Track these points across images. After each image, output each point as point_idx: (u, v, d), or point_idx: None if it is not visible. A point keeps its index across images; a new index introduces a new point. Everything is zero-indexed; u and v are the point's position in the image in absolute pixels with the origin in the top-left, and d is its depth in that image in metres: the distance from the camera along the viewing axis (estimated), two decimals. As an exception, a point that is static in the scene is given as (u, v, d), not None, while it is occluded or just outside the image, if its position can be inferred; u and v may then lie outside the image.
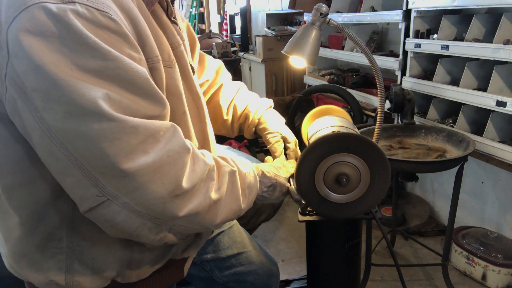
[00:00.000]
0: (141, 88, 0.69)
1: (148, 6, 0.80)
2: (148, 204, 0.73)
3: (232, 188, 0.85)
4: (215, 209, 0.81)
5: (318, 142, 0.88)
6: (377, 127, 1.14)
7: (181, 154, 0.74)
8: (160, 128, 0.71)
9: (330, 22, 1.03)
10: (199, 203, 0.77)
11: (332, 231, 1.00)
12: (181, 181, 0.73)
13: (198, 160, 0.78)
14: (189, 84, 0.92)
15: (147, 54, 0.75)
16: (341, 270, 1.03)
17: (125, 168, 0.67)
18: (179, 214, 0.75)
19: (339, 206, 0.92)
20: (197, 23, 8.39)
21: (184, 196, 0.74)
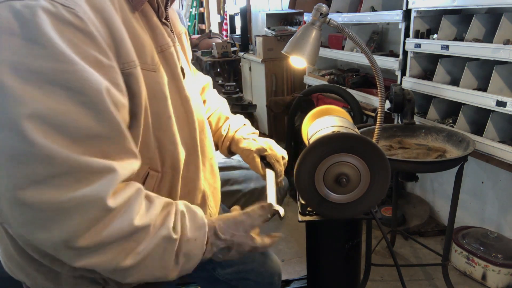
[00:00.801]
0: (90, 101, 0.63)
1: (135, 8, 0.77)
2: (37, 243, 0.67)
3: (162, 255, 0.75)
4: (124, 273, 0.72)
5: (318, 142, 0.88)
6: (377, 127, 1.15)
7: (95, 206, 0.65)
8: (88, 168, 0.63)
9: (330, 22, 1.03)
10: (102, 262, 0.68)
11: (332, 231, 1.00)
12: (79, 236, 0.64)
13: (123, 218, 0.69)
14: (178, 87, 0.89)
15: (122, 58, 0.71)
16: (341, 270, 1.03)
17: (24, 196, 0.61)
18: (72, 264, 0.68)
19: (339, 206, 0.92)
20: (197, 23, 8.40)
21: (81, 251, 0.66)
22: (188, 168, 0.92)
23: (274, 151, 1.15)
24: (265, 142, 1.17)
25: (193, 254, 0.79)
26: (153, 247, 0.73)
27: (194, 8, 8.29)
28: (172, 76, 0.87)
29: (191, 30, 8.26)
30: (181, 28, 1.05)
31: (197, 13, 8.35)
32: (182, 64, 0.94)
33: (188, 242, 0.78)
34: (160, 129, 0.83)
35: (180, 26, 1.04)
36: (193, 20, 8.33)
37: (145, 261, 0.73)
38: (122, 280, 0.74)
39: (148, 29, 0.82)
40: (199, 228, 0.80)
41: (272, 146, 1.16)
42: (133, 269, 0.72)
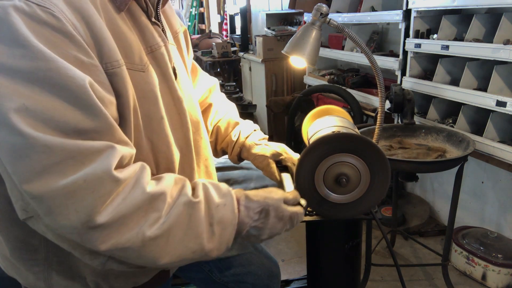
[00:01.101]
0: (75, 96, 0.63)
1: (119, 8, 0.76)
2: (63, 232, 0.67)
3: (190, 223, 0.73)
4: (155, 246, 0.71)
5: (318, 142, 0.88)
6: (377, 127, 1.14)
7: (103, 180, 0.65)
8: (86, 149, 0.64)
9: (331, 22, 1.03)
10: (129, 238, 0.68)
11: (332, 232, 1.00)
12: (97, 213, 0.64)
13: (135, 188, 0.69)
14: (170, 88, 0.87)
15: (104, 58, 0.70)
16: (341, 270, 1.03)
17: (31, 189, 0.62)
18: (100, 247, 0.67)
19: (339, 207, 0.92)
20: (197, 23, 8.40)
21: (104, 229, 0.66)
22: (183, 170, 0.91)
23: (289, 154, 1.13)
24: (279, 146, 1.14)
25: (227, 219, 0.77)
26: (176, 215, 0.72)
27: (194, 8, 8.29)
28: (163, 76, 0.85)
29: (191, 30, 8.25)
30: (179, 27, 1.04)
31: (197, 13, 8.35)
32: (176, 64, 0.93)
33: (218, 209, 0.77)
34: (153, 130, 0.82)
35: (177, 25, 1.03)
36: (193, 20, 8.33)
37: (172, 230, 0.71)
38: (156, 262, 0.72)
39: (136, 29, 0.80)
40: (224, 194, 0.79)
41: (286, 149, 1.14)
42: (163, 242, 0.71)
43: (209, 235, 0.76)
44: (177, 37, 1.01)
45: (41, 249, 0.82)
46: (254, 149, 1.13)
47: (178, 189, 0.76)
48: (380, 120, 1.13)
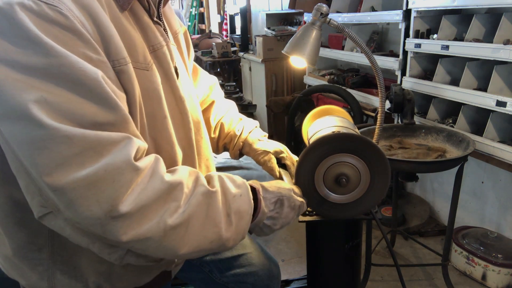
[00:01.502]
0: (89, 90, 0.64)
1: (123, 7, 0.76)
2: (85, 224, 0.67)
3: (208, 212, 0.74)
4: (176, 235, 0.71)
5: (318, 142, 0.88)
6: (377, 127, 1.14)
7: (123, 170, 0.65)
8: (105, 140, 0.64)
9: (331, 22, 1.03)
10: (150, 227, 0.68)
11: (332, 232, 1.00)
12: (119, 202, 0.65)
13: (153, 177, 0.69)
14: (172, 87, 0.88)
15: (112, 55, 0.70)
16: (341, 271, 1.03)
17: (52, 181, 0.61)
18: (122, 238, 0.67)
19: (339, 207, 0.92)
20: (197, 23, 8.40)
21: (126, 219, 0.66)
22: None
23: (290, 154, 1.14)
24: (280, 144, 1.16)
25: (243, 210, 0.79)
26: (195, 205, 0.73)
27: (194, 8, 8.29)
28: (165, 76, 0.85)
29: (191, 30, 8.25)
30: (179, 28, 1.04)
31: (197, 13, 8.35)
32: (177, 64, 0.93)
33: (235, 199, 0.78)
34: (156, 129, 0.82)
35: (177, 25, 1.03)
36: (193, 20, 8.33)
37: (191, 219, 0.72)
38: (176, 253, 0.73)
39: (139, 28, 0.81)
40: (239, 185, 0.81)
41: (287, 149, 1.15)
42: (182, 231, 0.71)
43: (226, 225, 0.77)
44: (177, 37, 1.01)
45: (46, 248, 0.82)
46: (257, 144, 1.14)
47: (193, 180, 0.76)
48: (380, 120, 1.13)
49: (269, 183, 0.89)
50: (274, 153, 1.13)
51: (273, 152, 1.13)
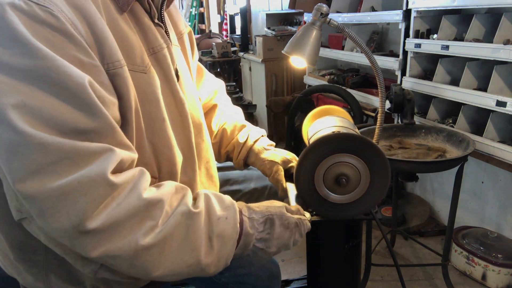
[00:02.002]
0: (73, 95, 0.62)
1: (122, 8, 0.75)
2: (54, 235, 0.65)
3: (187, 234, 0.70)
4: (148, 256, 0.67)
5: (318, 142, 0.88)
6: (377, 127, 1.14)
7: (97, 184, 0.62)
8: (83, 150, 0.62)
9: (331, 22, 1.02)
10: (121, 246, 0.65)
11: (332, 232, 0.99)
12: (89, 217, 0.62)
13: (132, 193, 0.66)
14: (172, 90, 0.86)
15: (106, 58, 0.69)
16: (341, 271, 1.03)
17: (24, 188, 0.60)
18: (90, 254, 0.65)
19: (339, 207, 0.92)
20: (197, 23, 8.39)
21: (95, 235, 0.63)
22: (185, 173, 0.91)
23: None
24: (288, 153, 1.11)
25: (227, 234, 0.74)
26: (173, 225, 0.69)
27: (194, 8, 8.29)
28: (165, 78, 0.84)
29: (191, 30, 8.25)
30: (184, 28, 1.03)
31: (197, 13, 8.34)
32: (179, 66, 0.92)
33: (219, 221, 0.74)
34: (155, 132, 0.81)
35: (182, 25, 1.02)
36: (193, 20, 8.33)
37: (168, 240, 0.68)
38: (149, 274, 0.69)
39: (138, 30, 0.80)
40: (227, 207, 0.77)
41: (296, 157, 1.10)
42: (157, 253, 0.68)
43: (207, 249, 0.73)
44: (182, 38, 1.00)
45: (40, 251, 0.82)
46: (263, 154, 1.10)
47: (179, 198, 0.73)
48: (380, 120, 1.13)
49: (258, 203, 0.84)
50: (282, 163, 1.08)
51: (280, 163, 1.08)
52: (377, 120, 1.13)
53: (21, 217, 0.71)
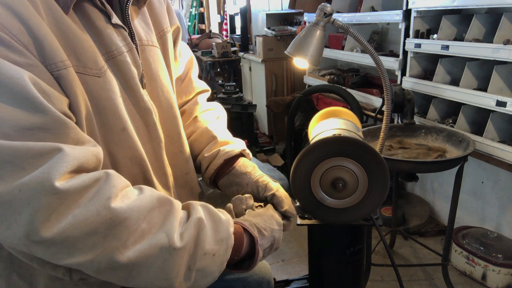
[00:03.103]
0: (9, 91, 0.58)
1: (64, 10, 0.70)
2: (9, 243, 0.61)
3: (162, 266, 0.65)
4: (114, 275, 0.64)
5: (316, 145, 0.85)
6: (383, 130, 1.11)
7: (39, 192, 0.57)
8: (24, 152, 0.57)
9: (335, 22, 1.00)
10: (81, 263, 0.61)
11: (333, 236, 0.98)
12: (37, 228, 0.57)
13: (92, 203, 0.60)
14: (134, 98, 0.79)
15: (47, 58, 0.64)
16: (343, 275, 1.00)
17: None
18: (55, 262, 0.61)
19: (336, 211, 0.89)
20: (197, 23, 8.40)
21: (51, 246, 0.59)
22: (155, 187, 0.84)
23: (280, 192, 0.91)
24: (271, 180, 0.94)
25: (209, 270, 0.70)
26: (147, 254, 0.64)
27: (194, 8, 8.29)
28: (126, 85, 0.77)
29: (191, 30, 8.26)
30: (167, 26, 0.94)
31: (197, 13, 8.35)
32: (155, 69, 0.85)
33: (205, 257, 0.68)
34: (113, 142, 0.75)
35: (165, 23, 0.94)
36: (193, 20, 8.33)
37: (137, 267, 0.64)
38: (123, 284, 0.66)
39: (92, 33, 0.74)
40: (220, 240, 0.71)
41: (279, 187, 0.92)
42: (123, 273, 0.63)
43: (182, 279, 0.67)
44: (164, 37, 0.93)
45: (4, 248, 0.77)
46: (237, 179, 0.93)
47: (162, 215, 0.67)
48: (386, 122, 1.10)
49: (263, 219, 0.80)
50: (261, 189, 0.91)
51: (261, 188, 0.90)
52: (383, 121, 1.11)
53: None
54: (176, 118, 0.92)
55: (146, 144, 0.82)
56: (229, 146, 0.97)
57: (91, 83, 0.71)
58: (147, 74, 0.85)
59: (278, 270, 2.23)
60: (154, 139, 0.84)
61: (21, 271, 0.78)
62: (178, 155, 0.93)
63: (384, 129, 1.12)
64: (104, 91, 0.72)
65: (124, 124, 0.75)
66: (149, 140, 0.83)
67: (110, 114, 0.73)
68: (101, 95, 0.72)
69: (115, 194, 0.63)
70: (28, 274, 0.78)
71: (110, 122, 0.74)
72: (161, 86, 0.88)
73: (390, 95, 1.05)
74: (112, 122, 0.74)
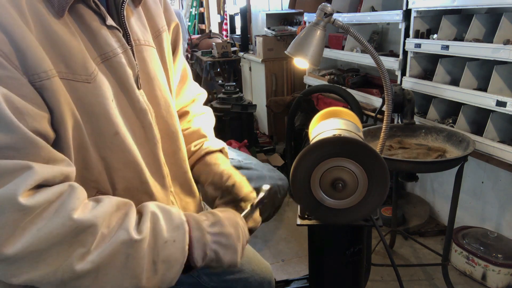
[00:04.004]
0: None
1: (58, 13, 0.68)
2: None
3: (127, 263, 0.65)
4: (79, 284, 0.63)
5: (316, 145, 0.85)
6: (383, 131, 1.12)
7: (4, 209, 0.57)
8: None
9: (335, 22, 1.00)
10: (44, 276, 0.60)
11: (333, 236, 0.97)
12: (2, 244, 0.57)
13: (57, 216, 0.61)
14: (130, 99, 0.79)
15: (30, 69, 0.63)
16: (343, 276, 1.00)
17: None
18: (11, 281, 0.60)
19: (335, 212, 0.89)
20: (197, 23, 8.40)
21: (14, 263, 0.59)
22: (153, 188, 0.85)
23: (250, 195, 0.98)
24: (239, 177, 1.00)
25: (174, 258, 0.70)
26: (110, 254, 0.64)
27: (194, 8, 8.29)
28: (121, 86, 0.77)
29: (191, 30, 8.26)
30: (163, 26, 0.94)
31: (197, 13, 8.35)
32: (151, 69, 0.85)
33: (166, 245, 0.69)
34: (106, 147, 0.75)
35: (162, 23, 0.93)
36: (193, 20, 8.34)
37: (103, 269, 0.64)
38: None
39: (85, 35, 0.73)
40: (176, 227, 0.72)
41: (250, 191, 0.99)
42: (89, 281, 0.63)
43: (149, 274, 0.68)
44: (160, 36, 0.93)
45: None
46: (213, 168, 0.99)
47: (119, 218, 0.68)
48: (386, 122, 1.10)
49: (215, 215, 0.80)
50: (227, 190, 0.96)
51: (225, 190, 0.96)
52: (384, 122, 1.11)
53: None
54: (173, 117, 0.93)
55: (143, 145, 0.82)
56: (212, 143, 1.05)
57: (81, 90, 0.70)
58: (144, 74, 0.85)
59: (278, 270, 2.23)
60: (151, 139, 0.84)
61: None
62: (176, 154, 0.94)
63: (384, 130, 1.12)
64: (95, 97, 0.72)
65: (116, 129, 0.75)
66: (146, 141, 0.83)
67: (102, 120, 0.73)
68: (91, 101, 0.71)
69: (78, 205, 0.64)
70: None
71: (102, 128, 0.73)
72: (159, 85, 0.88)
73: (390, 95, 1.05)
74: (104, 128, 0.74)
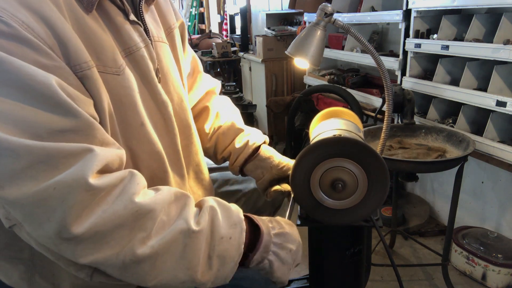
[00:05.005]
0: (40, 96, 0.60)
1: (87, 9, 0.71)
2: (41, 241, 0.64)
3: (184, 254, 0.67)
4: (138, 269, 0.65)
5: (316, 145, 0.85)
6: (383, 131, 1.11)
7: (74, 190, 0.59)
8: (58, 152, 0.60)
9: (336, 22, 1.00)
10: (107, 258, 0.63)
11: (333, 237, 0.97)
12: (71, 224, 0.60)
13: (120, 199, 0.64)
14: (152, 92, 0.82)
15: (72, 60, 0.66)
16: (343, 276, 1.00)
17: (4, 194, 0.58)
18: (80, 261, 0.63)
19: (335, 212, 0.89)
20: (197, 23, 8.39)
21: (80, 242, 0.61)
22: (172, 178, 0.87)
23: None
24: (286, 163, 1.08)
25: (229, 255, 0.71)
26: (169, 241, 0.66)
27: (194, 8, 8.29)
28: (144, 80, 0.80)
29: (191, 30, 8.25)
30: (174, 22, 0.98)
31: (197, 13, 8.34)
32: (164, 64, 0.88)
33: (222, 241, 0.70)
34: (132, 137, 0.77)
35: (172, 19, 0.97)
36: (193, 20, 8.33)
37: (161, 256, 0.66)
38: (141, 284, 0.67)
39: (111, 30, 0.76)
40: (234, 224, 0.73)
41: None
42: (148, 267, 0.65)
43: (205, 268, 0.70)
44: (172, 33, 0.96)
45: (26, 250, 0.80)
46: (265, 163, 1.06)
47: (179, 208, 0.70)
48: (386, 122, 1.10)
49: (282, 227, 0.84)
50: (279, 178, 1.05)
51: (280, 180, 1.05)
52: (384, 122, 1.11)
53: (10, 224, 0.69)
54: (186, 111, 0.95)
55: (164, 136, 0.85)
56: (254, 137, 1.09)
57: (111, 82, 0.73)
58: (159, 69, 0.87)
59: (278, 270, 2.22)
60: (171, 131, 0.87)
61: (43, 272, 0.80)
62: (189, 147, 0.96)
63: (385, 130, 1.11)
64: (123, 89, 0.75)
65: (142, 120, 0.78)
66: (167, 133, 0.86)
67: (129, 110, 0.76)
68: (120, 92, 0.74)
69: (138, 191, 0.67)
70: (50, 275, 0.79)
71: (129, 118, 0.76)
72: (172, 81, 0.91)
73: (390, 95, 1.05)
74: (131, 118, 0.77)
